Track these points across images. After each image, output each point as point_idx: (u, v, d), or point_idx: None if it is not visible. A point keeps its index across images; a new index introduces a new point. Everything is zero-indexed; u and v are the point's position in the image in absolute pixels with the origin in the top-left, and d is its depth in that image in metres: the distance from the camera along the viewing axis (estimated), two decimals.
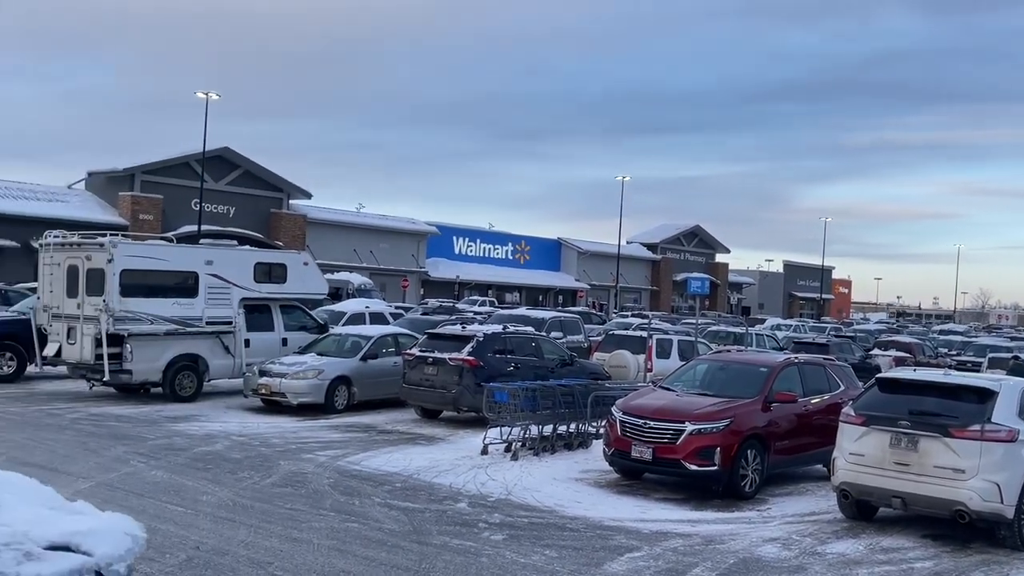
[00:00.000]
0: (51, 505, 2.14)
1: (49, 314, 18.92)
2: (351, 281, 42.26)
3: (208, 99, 47.30)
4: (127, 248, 18.68)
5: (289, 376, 17.81)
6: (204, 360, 19.12)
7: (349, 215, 68.16)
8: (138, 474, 11.75)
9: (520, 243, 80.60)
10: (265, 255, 23.59)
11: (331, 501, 10.82)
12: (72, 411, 16.75)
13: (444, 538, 9.42)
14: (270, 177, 60.69)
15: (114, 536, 1.99)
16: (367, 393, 18.73)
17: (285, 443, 14.63)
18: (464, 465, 13.38)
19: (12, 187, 54.06)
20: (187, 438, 14.60)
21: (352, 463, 13.26)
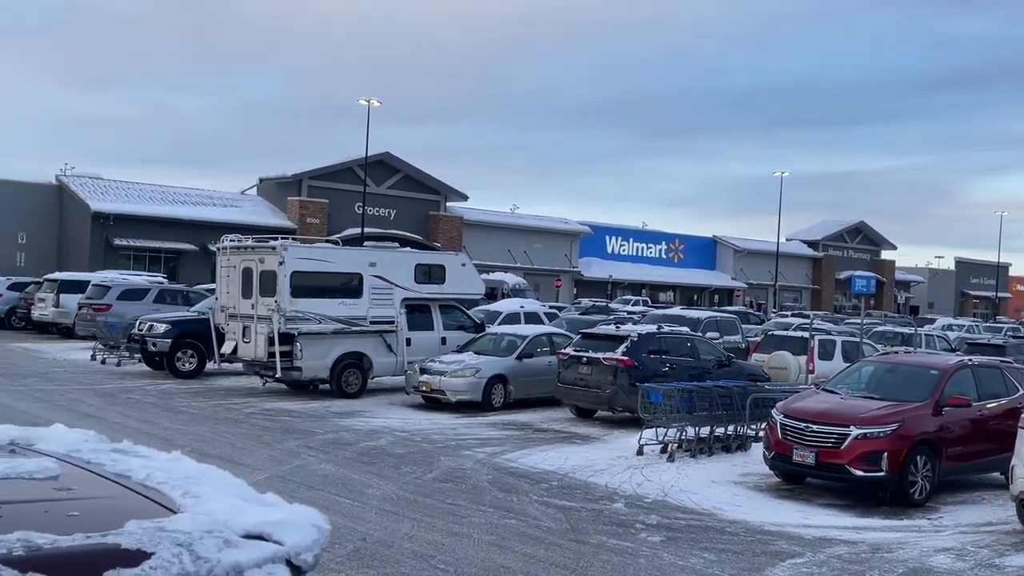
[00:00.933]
0: (244, 496, 2.32)
1: (226, 314, 20.05)
2: (506, 281, 42.87)
3: (370, 106, 48.95)
4: (297, 251, 19.59)
5: (448, 374, 18.25)
6: (369, 358, 19.84)
7: (504, 216, 69.06)
8: (308, 467, 12.33)
9: (674, 242, 79.61)
10: (425, 256, 24.27)
11: (490, 497, 11.04)
12: (247, 406, 17.71)
13: (601, 537, 9.47)
14: (428, 180, 62.18)
15: (302, 527, 2.14)
16: (522, 392, 18.98)
17: (445, 439, 15.02)
18: (619, 465, 13.39)
19: (191, 194, 57.45)
20: (353, 433, 15.20)
21: (509, 460, 13.48)
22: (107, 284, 28.36)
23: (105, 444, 2.81)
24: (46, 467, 2.43)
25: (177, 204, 55.48)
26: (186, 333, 21.83)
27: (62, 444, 2.78)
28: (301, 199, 57.06)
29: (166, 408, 17.02)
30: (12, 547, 1.83)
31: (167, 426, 14.95)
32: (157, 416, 16.02)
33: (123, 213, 51.91)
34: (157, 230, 52.73)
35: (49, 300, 30.59)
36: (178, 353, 21.71)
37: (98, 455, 2.67)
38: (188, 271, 50.23)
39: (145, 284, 29.50)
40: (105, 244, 51.41)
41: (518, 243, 66.98)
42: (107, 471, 2.50)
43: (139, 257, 52.02)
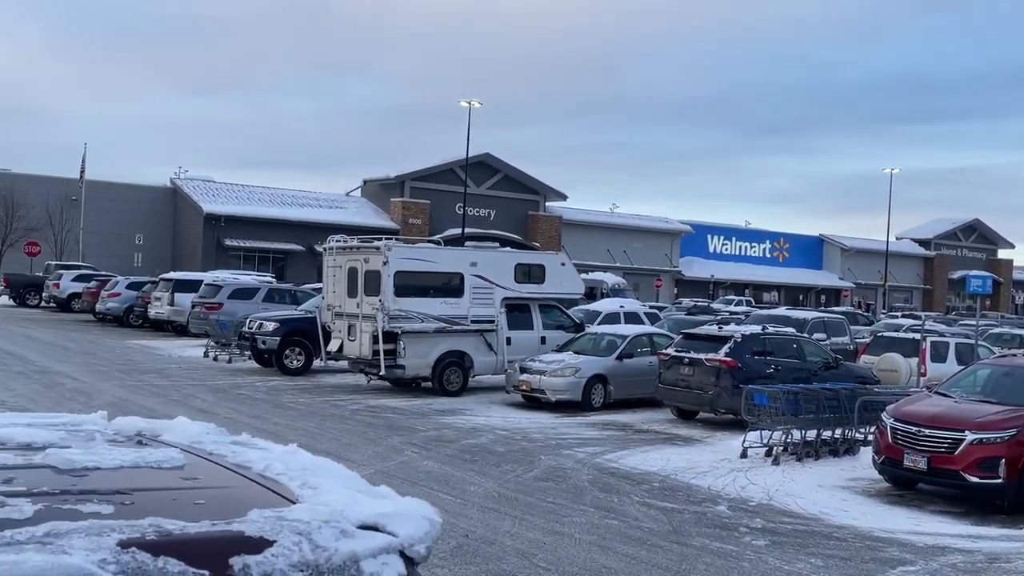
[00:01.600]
0: (358, 488, 2.39)
1: (332, 313, 20.52)
2: (605, 281, 42.70)
3: (471, 107, 49.43)
4: (400, 251, 19.93)
5: (548, 374, 18.29)
6: (470, 357, 20.04)
7: (603, 215, 68.79)
8: (412, 463, 12.53)
9: (778, 240, 78.00)
10: (525, 256, 24.38)
11: (590, 497, 11.04)
12: (352, 403, 18.09)
13: (704, 540, 9.37)
14: (528, 180, 62.38)
15: (415, 519, 2.19)
16: (622, 392, 18.89)
17: (545, 438, 15.06)
18: (722, 468, 13.21)
19: (298, 195, 58.94)
20: (455, 431, 15.38)
21: (610, 461, 13.44)
22: (219, 284, 29.33)
23: (225, 436, 2.93)
24: (172, 457, 2.54)
25: (285, 206, 56.98)
26: (294, 331, 22.43)
27: (185, 436, 2.90)
28: (404, 200, 57.93)
29: (275, 404, 17.53)
30: (145, 532, 1.93)
31: (276, 421, 15.39)
32: (266, 412, 16.51)
33: (234, 215, 53.59)
34: (266, 231, 54.25)
35: (164, 299, 31.81)
36: (286, 351, 22.31)
37: (219, 447, 2.78)
38: (295, 271, 51.58)
39: (255, 284, 30.41)
40: (217, 244, 53.15)
41: (618, 242, 66.62)
42: (228, 462, 2.61)
43: (248, 257, 53.62)
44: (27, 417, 3.11)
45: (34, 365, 21.19)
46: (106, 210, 54.52)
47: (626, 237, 67.26)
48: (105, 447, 2.64)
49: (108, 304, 34.91)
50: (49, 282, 41.34)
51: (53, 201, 52.69)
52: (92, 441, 2.74)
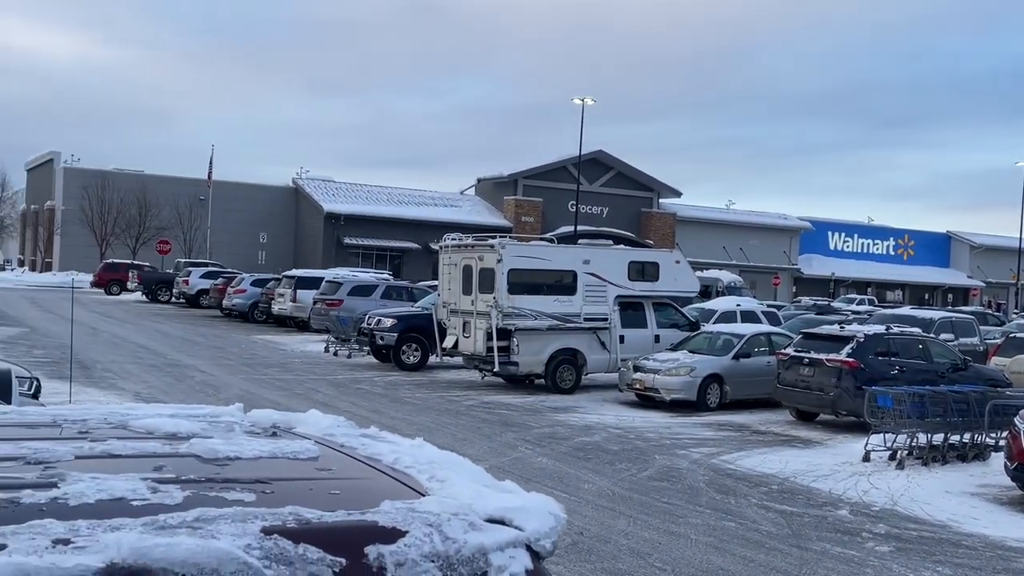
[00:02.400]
0: (484, 482, 2.44)
1: (447, 310, 20.83)
2: (721, 279, 42.00)
3: (584, 105, 49.38)
4: (514, 249, 20.08)
5: (662, 372, 18.14)
6: (582, 354, 20.05)
7: (718, 212, 67.74)
8: (525, 460, 12.63)
9: (903, 237, 75.32)
10: (639, 254, 24.23)
11: (707, 498, 10.91)
12: (467, 399, 18.33)
13: (824, 544, 9.15)
14: (641, 177, 61.91)
15: (540, 514, 2.23)
16: (739, 392, 18.58)
17: (659, 438, 14.96)
18: (844, 471, 12.86)
19: (414, 194, 59.97)
20: (568, 428, 15.41)
21: (726, 462, 13.25)
22: (339, 281, 30.09)
23: (355, 429, 3.03)
24: (307, 448, 2.65)
25: (402, 204, 58.05)
26: (411, 328, 22.85)
27: (317, 428, 3.02)
28: (517, 198, 58.25)
29: (393, 399, 17.91)
30: (285, 520, 2.02)
31: (394, 415, 15.73)
32: (384, 406, 16.88)
33: (352, 213, 54.90)
34: (383, 229, 55.39)
35: (287, 296, 32.84)
36: (403, 347, 22.75)
37: (350, 439, 2.88)
38: (411, 268, 52.53)
39: (373, 281, 31.09)
40: (336, 243, 54.55)
41: (734, 240, 65.50)
42: (359, 454, 2.70)
43: (366, 255, 54.87)
44: (170, 408, 3.29)
45: (165, 358, 22.19)
46: (232, 209, 56.64)
47: (743, 234, 66.05)
48: (244, 438, 2.77)
49: (234, 300, 36.24)
50: (179, 279, 43.18)
51: (182, 201, 55.07)
52: (232, 432, 2.87)
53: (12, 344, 22.82)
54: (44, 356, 20.62)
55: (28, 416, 3.09)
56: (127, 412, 3.11)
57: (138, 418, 2.96)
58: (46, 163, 65.56)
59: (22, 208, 73.31)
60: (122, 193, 54.85)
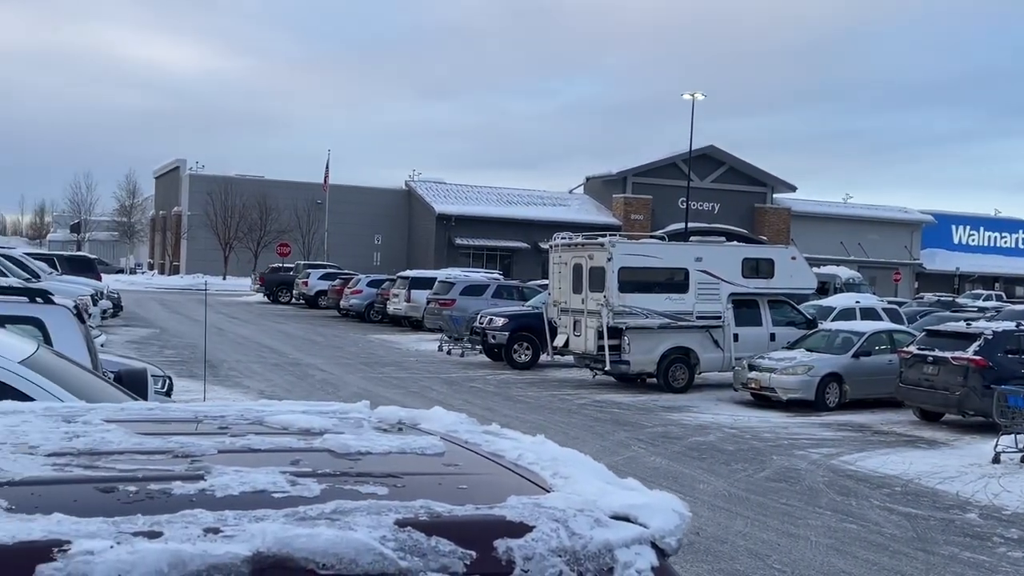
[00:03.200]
0: (607, 480, 2.47)
1: (558, 309, 20.89)
2: (838, 275, 40.84)
3: (694, 100, 48.74)
4: (624, 247, 19.99)
5: (778, 371, 17.78)
6: (695, 353, 19.82)
7: (835, 207, 65.93)
8: (639, 459, 12.58)
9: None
10: (753, 251, 23.81)
11: (826, 500, 10.67)
12: (579, 397, 18.35)
13: (952, 549, 8.84)
14: (754, 172, 60.78)
15: (665, 512, 2.24)
16: (859, 391, 18.06)
17: (776, 438, 14.68)
18: (972, 473, 12.38)
19: (522, 194, 60.27)
20: (681, 427, 15.27)
21: (846, 463, 12.92)
22: (451, 281, 30.51)
23: (477, 426, 3.10)
24: (433, 444, 2.73)
25: (511, 205, 58.43)
26: (522, 327, 23.01)
27: (441, 424, 3.10)
28: (626, 196, 57.93)
29: (505, 397, 18.07)
30: (417, 513, 2.10)
31: (506, 413, 15.87)
32: (497, 404, 17.06)
33: (463, 214, 55.55)
34: (493, 229, 55.86)
35: (401, 296, 33.47)
36: (515, 345, 22.93)
37: (473, 436, 2.95)
38: (521, 267, 52.81)
39: (484, 280, 31.42)
40: (448, 243, 55.29)
41: (851, 234, 63.62)
42: (483, 450, 2.76)
43: (477, 255, 55.43)
44: (301, 405, 3.43)
45: (287, 358, 22.91)
46: (348, 212, 58.04)
47: (861, 229, 64.11)
48: (373, 434, 2.87)
49: (351, 301, 37.15)
50: (298, 280, 44.50)
51: (301, 205, 56.72)
52: (361, 428, 2.98)
53: (145, 344, 23.95)
54: (174, 356, 21.57)
55: (172, 412, 3.27)
56: (262, 409, 3.25)
57: (273, 414, 3.10)
58: (173, 171, 68.50)
59: (151, 214, 76.77)
60: (244, 198, 56.87)
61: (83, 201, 79.65)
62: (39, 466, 2.30)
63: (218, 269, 57.83)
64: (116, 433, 2.69)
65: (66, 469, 2.30)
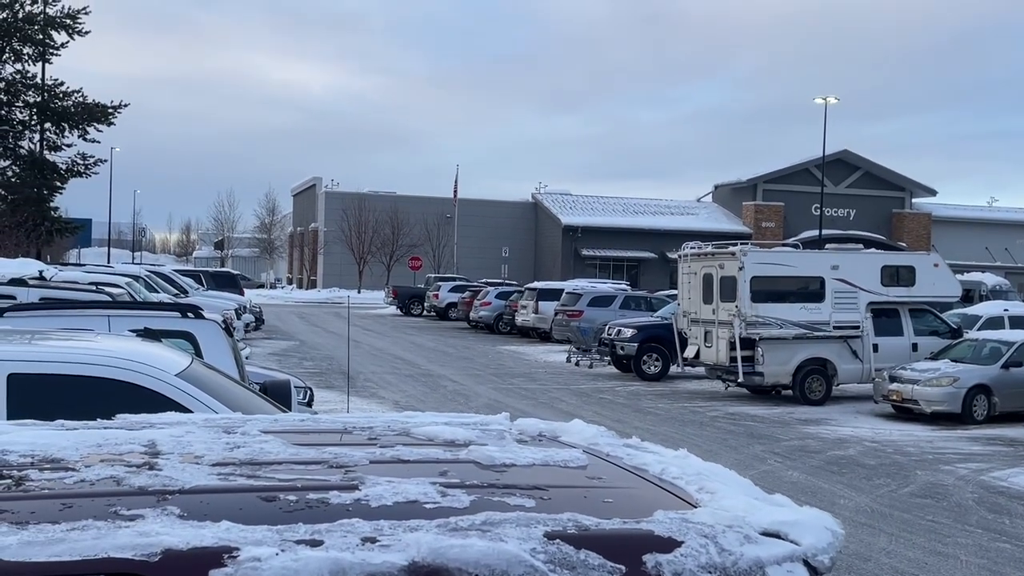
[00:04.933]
0: (755, 495, 2.44)
1: (688, 319, 20.62)
2: (984, 282, 38.86)
3: (827, 104, 47.36)
4: (756, 256, 19.59)
5: (921, 383, 17.06)
6: (832, 364, 19.23)
7: (979, 210, 62.96)
8: (775, 473, 12.28)
9: None
10: (892, 258, 22.96)
11: (976, 517, 10.17)
12: (711, 409, 18.05)
13: None
14: (891, 176, 58.67)
15: (817, 529, 2.20)
16: (1010, 404, 17.14)
17: (920, 452, 14.09)
18: None
19: (649, 204, 59.82)
20: (819, 441, 14.83)
21: (998, 479, 12.28)
22: (578, 292, 30.51)
23: (617, 439, 3.10)
24: (576, 457, 2.75)
25: (637, 215, 58.10)
26: (651, 337, 22.80)
27: (582, 437, 3.12)
28: (756, 203, 56.78)
29: (635, 408, 17.94)
30: (565, 525, 2.12)
31: (637, 425, 15.75)
32: (627, 416, 16.95)
33: (589, 225, 55.52)
34: (619, 240, 55.64)
35: (530, 307, 33.68)
36: (644, 356, 22.74)
37: (615, 449, 2.95)
38: (648, 278, 52.37)
39: (611, 291, 31.30)
40: (574, 254, 55.35)
41: (997, 239, 60.55)
42: (625, 463, 2.77)
43: (603, 266, 55.29)
44: (443, 417, 3.50)
45: (419, 369, 23.37)
46: (476, 225, 58.85)
47: (1008, 233, 60.92)
48: (516, 446, 2.91)
49: (480, 312, 37.62)
50: (429, 293, 45.34)
51: (431, 219, 57.85)
52: (503, 440, 3.02)
53: (286, 356, 24.85)
54: (313, 367, 22.30)
55: (322, 423, 3.40)
56: (407, 420, 3.35)
57: (418, 425, 3.18)
58: (309, 188, 70.94)
59: (289, 230, 79.67)
60: (377, 214, 58.38)
61: (226, 219, 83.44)
62: (205, 475, 2.43)
63: (353, 283, 59.48)
64: (273, 444, 2.81)
65: (230, 478, 2.42)
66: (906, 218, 58.14)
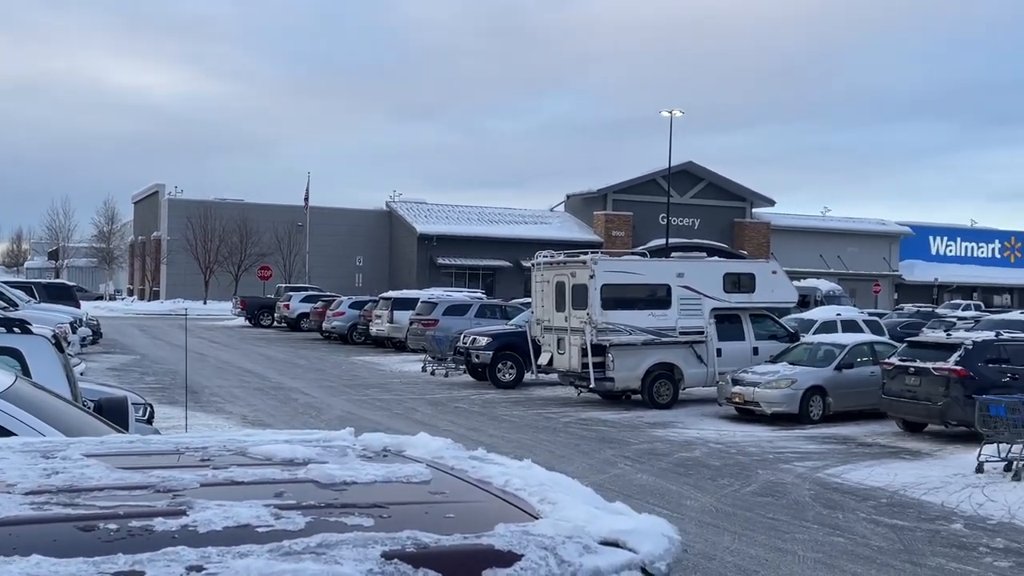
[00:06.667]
0: (596, 504, 2.45)
1: (542, 327, 20.87)
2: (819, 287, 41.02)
3: (672, 117, 49.02)
4: (606, 264, 20.03)
5: (762, 385, 17.82)
6: (679, 369, 19.83)
7: (814, 220, 66.37)
8: (625, 476, 12.55)
9: (1009, 239, 72.55)
10: (734, 265, 23.90)
11: (813, 513, 10.67)
12: (564, 415, 18.31)
13: (939, 560, 8.85)
14: (733, 187, 61.12)
15: (655, 536, 2.22)
16: (842, 404, 18.12)
17: (761, 452, 14.69)
18: (956, 483, 12.42)
19: (504, 213, 60.33)
20: (667, 444, 15.26)
21: (832, 475, 12.94)
22: (434, 301, 30.41)
23: (464, 452, 3.07)
24: (419, 472, 2.70)
25: (492, 223, 58.48)
26: (506, 346, 22.96)
27: (427, 451, 3.07)
28: (607, 213, 58.10)
29: (490, 416, 18.01)
30: (404, 544, 2.06)
31: (492, 433, 15.81)
32: (482, 424, 16.99)
33: (444, 234, 55.53)
34: (474, 248, 55.85)
35: (384, 316, 33.36)
36: (499, 364, 22.88)
37: (460, 462, 2.92)
38: (503, 286, 52.76)
39: (467, 300, 31.35)
40: (429, 263, 55.22)
41: (831, 247, 64.02)
42: (470, 477, 2.73)
43: (459, 274, 55.38)
44: (284, 434, 3.39)
45: (270, 381, 22.77)
46: (329, 234, 57.92)
47: (840, 241, 64.52)
48: (358, 462, 2.83)
49: (333, 323, 37.01)
50: (280, 303, 44.29)
51: (281, 228, 56.56)
52: (345, 456, 2.94)
53: (126, 371, 23.75)
54: (155, 383, 21.39)
55: (153, 445, 3.22)
56: (245, 439, 3.21)
57: (256, 444, 3.06)
58: (152, 195, 68.16)
59: (130, 239, 76.30)
60: (224, 222, 56.63)
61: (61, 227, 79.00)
62: (16, 505, 2.25)
63: (198, 294, 57.52)
64: (96, 468, 2.65)
65: (44, 508, 2.26)
66: (747, 227, 60.72)
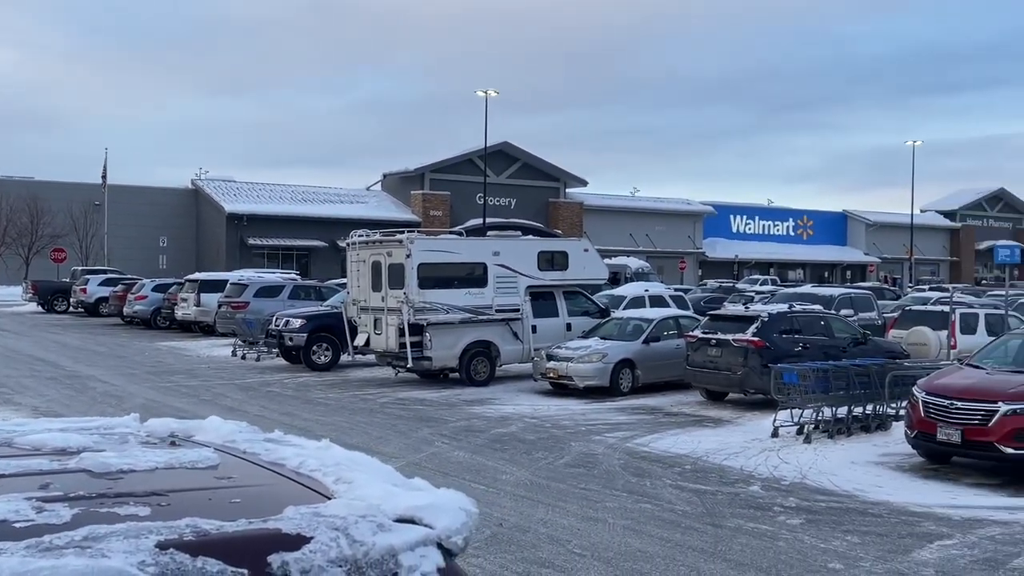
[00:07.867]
0: (393, 482, 2.38)
1: (357, 307, 20.58)
2: (629, 265, 42.50)
3: (487, 97, 49.34)
4: (423, 243, 19.94)
5: (575, 360, 18.26)
6: (496, 346, 20.04)
7: (624, 200, 68.58)
8: (442, 454, 12.56)
9: (802, 218, 77.51)
10: (548, 244, 24.33)
11: (623, 482, 11.02)
12: (381, 396, 18.16)
13: (739, 521, 9.33)
14: (547, 168, 62.25)
15: (451, 511, 2.18)
16: (651, 376, 18.84)
17: (575, 425, 15.06)
18: (754, 448, 13.15)
19: (319, 192, 59.10)
20: (484, 420, 15.40)
21: (640, 445, 13.42)
22: (244, 283, 29.45)
23: (258, 434, 2.93)
24: (206, 457, 2.55)
25: (306, 203, 57.17)
26: (320, 327, 22.51)
27: (218, 435, 2.91)
28: (424, 192, 57.96)
29: (304, 400, 17.62)
30: (183, 532, 1.93)
31: (306, 417, 15.47)
32: (296, 408, 16.60)
33: (256, 213, 53.82)
34: (288, 228, 54.47)
35: (191, 300, 32.01)
36: (313, 347, 22.40)
37: (253, 445, 2.78)
38: (319, 267, 51.77)
39: (279, 281, 30.53)
40: (240, 244, 53.41)
41: (640, 226, 66.42)
42: (262, 460, 2.61)
43: (272, 255, 53.89)
44: (60, 422, 3.13)
45: (64, 370, 21.41)
46: (129, 214, 54.96)
47: (648, 221, 67.02)
48: (139, 449, 2.65)
49: (135, 307, 35.23)
50: (76, 287, 41.73)
51: (77, 207, 53.16)
52: (126, 444, 2.75)
53: None
54: None
55: None
56: (13, 429, 2.94)
57: (24, 434, 2.81)
58: None
59: None
60: (11, 200, 52.68)
61: None
62: None
63: None
64: None
65: None
66: (561, 207, 62.09)
